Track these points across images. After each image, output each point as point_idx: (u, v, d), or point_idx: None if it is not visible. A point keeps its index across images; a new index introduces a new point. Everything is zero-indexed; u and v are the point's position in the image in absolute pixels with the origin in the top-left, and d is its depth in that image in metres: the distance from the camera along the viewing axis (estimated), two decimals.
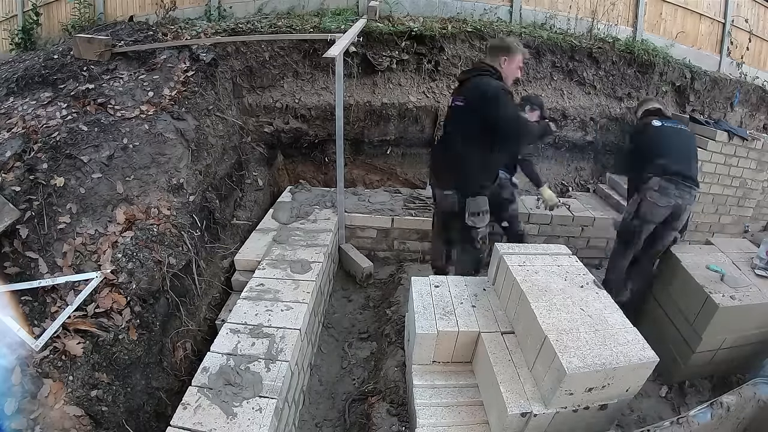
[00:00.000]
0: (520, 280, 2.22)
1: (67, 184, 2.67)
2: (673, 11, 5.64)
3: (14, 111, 3.23)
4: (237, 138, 4.15)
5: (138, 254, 2.64)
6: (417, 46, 4.51)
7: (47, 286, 2.30)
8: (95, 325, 2.28)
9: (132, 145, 3.06)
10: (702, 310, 2.55)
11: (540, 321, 1.94)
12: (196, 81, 3.77)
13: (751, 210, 4.93)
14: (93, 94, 3.34)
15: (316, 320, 3.09)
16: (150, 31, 4.25)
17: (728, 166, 4.48)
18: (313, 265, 3.12)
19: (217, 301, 3.26)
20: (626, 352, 1.82)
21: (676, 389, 2.76)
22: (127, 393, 2.31)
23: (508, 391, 1.88)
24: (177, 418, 1.94)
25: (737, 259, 2.91)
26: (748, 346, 2.66)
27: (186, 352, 2.81)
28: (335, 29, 4.22)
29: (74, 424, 1.99)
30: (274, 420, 2.01)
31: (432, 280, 2.61)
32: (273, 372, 2.21)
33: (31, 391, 1.95)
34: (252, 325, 2.52)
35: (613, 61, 4.99)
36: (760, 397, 1.98)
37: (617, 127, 5.22)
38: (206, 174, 3.52)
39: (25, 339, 2.08)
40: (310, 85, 4.50)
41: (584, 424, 1.93)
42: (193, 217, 3.20)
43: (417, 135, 4.76)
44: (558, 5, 5.26)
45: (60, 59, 3.84)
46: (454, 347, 2.29)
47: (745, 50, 6.03)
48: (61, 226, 2.51)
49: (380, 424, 2.36)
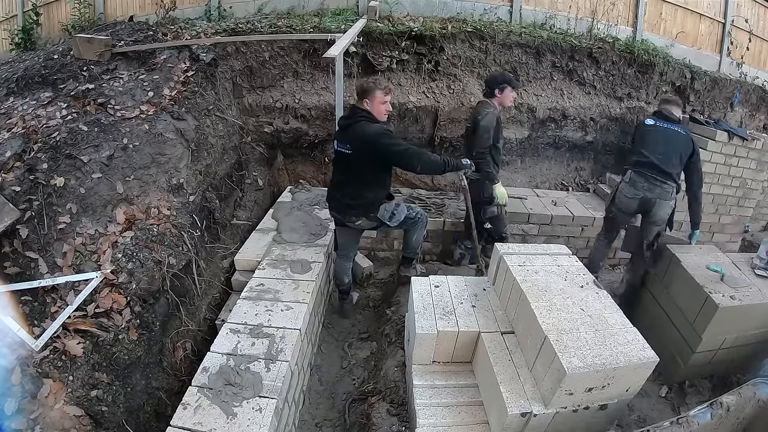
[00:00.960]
0: (520, 280, 2.22)
1: (67, 184, 2.67)
2: (673, 11, 5.65)
3: (14, 111, 3.23)
4: (237, 138, 4.15)
5: (138, 254, 2.64)
6: (417, 46, 4.51)
7: (47, 286, 2.30)
8: (95, 325, 2.28)
9: (132, 145, 3.06)
10: (702, 310, 2.55)
11: (540, 321, 1.94)
12: (196, 81, 3.77)
13: (751, 210, 4.93)
14: (93, 94, 3.34)
15: (316, 320, 3.09)
16: (150, 31, 4.26)
17: (728, 166, 4.49)
18: (313, 265, 3.12)
19: (217, 301, 3.26)
20: (626, 352, 1.82)
21: (676, 389, 2.76)
22: (127, 393, 2.31)
23: (508, 391, 1.88)
24: (177, 418, 1.94)
25: (737, 259, 2.91)
26: (748, 346, 2.66)
27: (186, 352, 2.81)
28: (335, 29, 4.22)
29: (74, 424, 1.99)
30: (274, 420, 2.01)
31: (432, 280, 2.61)
32: (273, 372, 2.21)
33: (31, 391, 1.95)
34: (252, 325, 2.52)
35: (613, 61, 4.99)
36: (760, 397, 1.97)
37: (617, 127, 5.23)
38: (206, 174, 3.52)
39: (25, 339, 2.08)
40: (310, 85, 4.50)
41: (584, 424, 1.93)
42: (193, 217, 3.20)
43: (417, 135, 4.76)
44: (558, 5, 5.26)
45: (60, 59, 3.84)
46: (454, 347, 2.29)
47: (745, 50, 6.03)
48: (61, 226, 2.51)
49: (380, 424, 2.36)
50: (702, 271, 2.72)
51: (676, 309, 2.80)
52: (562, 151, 5.21)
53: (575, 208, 4.33)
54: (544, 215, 4.14)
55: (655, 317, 2.98)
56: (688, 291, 2.68)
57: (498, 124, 3.29)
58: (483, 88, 3.68)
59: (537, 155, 5.15)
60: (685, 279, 2.73)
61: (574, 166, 5.33)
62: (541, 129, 5.01)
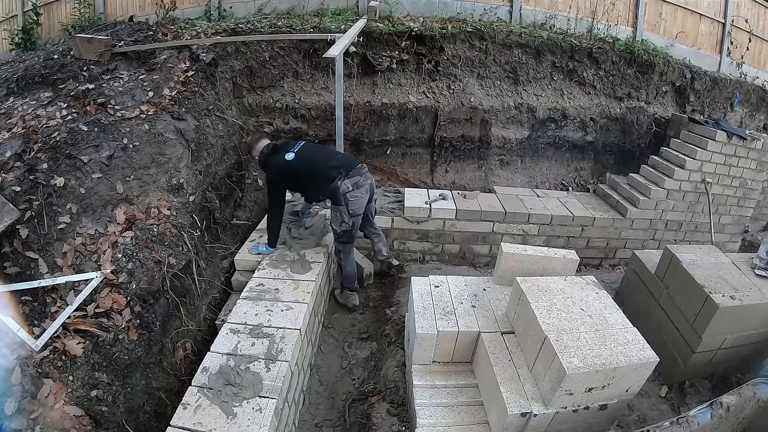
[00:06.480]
0: (520, 280, 2.22)
1: (67, 184, 2.67)
2: (673, 11, 5.65)
3: (14, 111, 3.23)
4: (237, 138, 4.15)
5: (138, 254, 2.64)
6: (417, 46, 4.51)
7: (47, 286, 2.30)
8: (95, 325, 2.28)
9: (132, 145, 3.06)
10: (702, 310, 2.54)
11: (540, 321, 1.94)
12: (196, 81, 3.77)
13: (751, 210, 4.93)
14: (93, 94, 3.34)
15: (316, 320, 3.09)
16: (150, 31, 4.26)
17: (728, 166, 4.48)
18: (313, 265, 3.12)
19: (217, 301, 3.26)
20: (626, 352, 1.82)
21: (676, 389, 2.75)
22: (127, 393, 2.31)
23: (508, 391, 1.88)
24: (177, 418, 1.94)
25: (737, 259, 2.91)
26: (748, 346, 2.65)
27: (186, 352, 2.81)
28: (335, 29, 4.22)
29: (74, 424, 2.00)
30: (274, 420, 2.01)
31: (432, 280, 2.61)
32: (273, 372, 2.21)
33: (31, 391, 1.95)
34: (252, 325, 2.52)
35: (613, 61, 4.99)
36: (760, 397, 1.97)
37: (617, 127, 5.23)
38: (206, 174, 3.52)
39: (25, 339, 2.08)
40: (310, 85, 4.50)
41: (584, 424, 1.93)
42: (193, 217, 3.20)
43: (417, 135, 4.76)
44: (558, 5, 5.26)
45: (60, 59, 3.84)
46: (454, 347, 2.29)
47: (745, 50, 6.03)
48: (61, 226, 2.51)
49: (380, 424, 2.36)
50: (702, 271, 2.71)
51: (676, 309, 2.79)
52: (562, 151, 5.21)
53: (575, 208, 4.33)
54: (544, 215, 4.14)
55: (655, 317, 2.98)
56: (688, 291, 2.67)
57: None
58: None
59: (537, 155, 5.15)
60: (685, 279, 2.73)
61: (574, 166, 5.33)
62: (541, 129, 5.02)
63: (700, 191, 4.45)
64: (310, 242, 3.44)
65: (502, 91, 4.84)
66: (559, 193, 4.76)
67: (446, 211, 4.02)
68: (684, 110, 5.36)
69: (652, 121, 5.22)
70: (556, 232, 4.24)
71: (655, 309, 2.98)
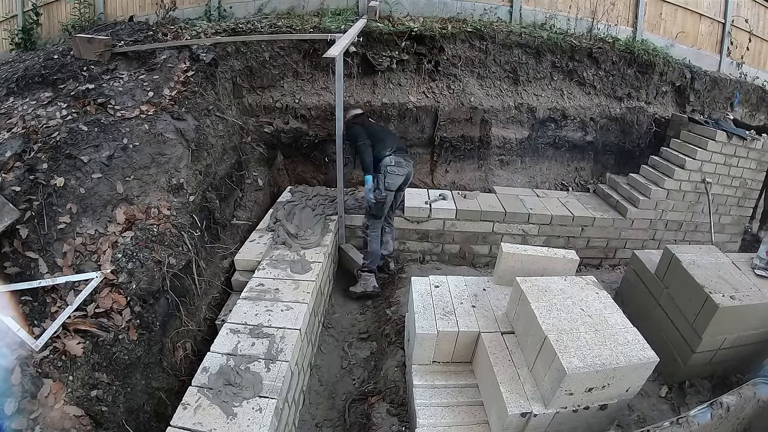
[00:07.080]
0: (520, 280, 2.22)
1: (67, 184, 2.66)
2: (673, 11, 5.65)
3: (14, 111, 3.23)
4: (237, 138, 4.15)
5: (138, 254, 2.64)
6: (417, 46, 4.51)
7: (47, 286, 2.30)
8: (95, 325, 2.28)
9: (132, 145, 3.06)
10: (702, 310, 2.54)
11: (540, 321, 1.94)
12: (196, 81, 3.77)
13: (751, 210, 4.93)
14: (93, 94, 3.34)
15: (316, 320, 3.09)
16: (150, 31, 4.25)
17: (728, 166, 4.48)
18: (313, 265, 3.12)
19: (217, 301, 3.26)
20: (626, 352, 1.82)
21: (676, 389, 2.75)
22: (127, 393, 2.31)
23: (508, 391, 1.88)
24: (177, 418, 1.94)
25: (737, 259, 2.91)
26: (748, 346, 2.65)
27: (186, 352, 2.81)
28: (335, 29, 4.22)
29: (74, 424, 2.00)
30: (274, 420, 2.01)
31: (432, 281, 2.61)
32: (273, 372, 2.21)
33: (31, 391, 1.95)
34: (252, 325, 2.52)
35: (613, 61, 4.99)
36: (760, 397, 1.97)
37: (617, 127, 5.23)
38: (206, 174, 3.52)
39: (25, 339, 2.08)
40: (310, 85, 4.50)
41: (584, 424, 1.93)
42: (193, 217, 3.20)
43: (417, 135, 4.76)
44: (558, 5, 5.26)
45: (60, 59, 3.84)
46: (454, 347, 2.29)
47: (745, 50, 6.03)
48: (61, 226, 2.51)
49: (380, 424, 2.36)
50: (702, 271, 2.71)
51: (676, 309, 2.79)
52: (562, 151, 5.21)
53: (575, 208, 4.33)
54: (544, 215, 4.14)
55: (655, 317, 2.98)
56: (688, 291, 2.67)
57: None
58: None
59: (537, 155, 5.15)
60: (685, 279, 2.73)
61: (574, 166, 5.33)
62: (541, 129, 5.01)
63: (700, 191, 4.46)
64: (310, 242, 3.45)
65: (502, 91, 4.84)
66: (559, 193, 4.76)
67: (446, 211, 4.02)
68: (684, 110, 5.36)
69: (652, 121, 5.22)
70: (556, 232, 4.24)
71: (655, 309, 2.98)
